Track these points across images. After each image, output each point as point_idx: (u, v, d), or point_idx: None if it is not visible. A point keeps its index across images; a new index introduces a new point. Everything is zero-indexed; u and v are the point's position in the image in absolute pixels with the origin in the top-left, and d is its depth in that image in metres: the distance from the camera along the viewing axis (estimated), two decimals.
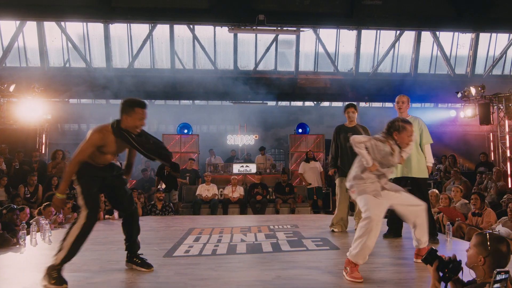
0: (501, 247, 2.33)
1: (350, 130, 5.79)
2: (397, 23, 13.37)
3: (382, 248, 4.68)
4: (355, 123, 5.90)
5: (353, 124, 5.88)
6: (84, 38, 13.97)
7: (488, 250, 2.33)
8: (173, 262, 4.09)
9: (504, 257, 2.32)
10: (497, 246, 2.34)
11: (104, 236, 5.60)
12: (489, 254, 2.33)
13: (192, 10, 12.56)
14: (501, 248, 2.33)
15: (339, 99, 16.52)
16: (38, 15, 12.38)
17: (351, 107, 5.88)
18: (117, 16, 12.53)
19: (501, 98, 11.59)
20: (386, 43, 14.81)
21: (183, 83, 14.19)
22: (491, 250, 2.33)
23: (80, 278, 3.49)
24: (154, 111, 16.79)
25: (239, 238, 5.28)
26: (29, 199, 8.67)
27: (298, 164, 12.69)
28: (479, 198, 6.10)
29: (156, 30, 13.99)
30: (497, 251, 2.32)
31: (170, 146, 12.31)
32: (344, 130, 5.87)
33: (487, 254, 2.33)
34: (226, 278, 3.46)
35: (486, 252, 2.34)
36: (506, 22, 13.20)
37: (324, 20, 12.91)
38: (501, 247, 2.33)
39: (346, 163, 5.75)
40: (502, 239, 2.38)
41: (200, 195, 10.02)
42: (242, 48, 14.66)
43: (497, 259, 2.31)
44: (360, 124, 5.94)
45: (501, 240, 2.37)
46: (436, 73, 15.47)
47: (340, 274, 3.46)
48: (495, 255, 2.32)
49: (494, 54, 15.35)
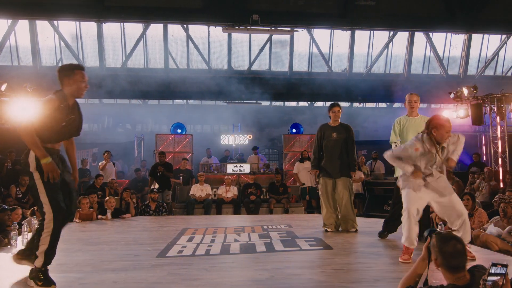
0: (446, 247, 2.31)
1: (334, 129, 5.82)
2: (391, 24, 13.45)
3: (375, 248, 4.70)
4: (339, 122, 5.90)
5: (337, 123, 5.89)
6: (77, 37, 13.90)
7: (437, 252, 2.34)
8: (167, 262, 4.07)
9: (452, 256, 2.28)
10: (441, 246, 2.32)
11: (96, 236, 5.57)
12: (438, 257, 2.34)
13: (185, 9, 12.54)
14: (447, 248, 2.30)
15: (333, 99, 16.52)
16: (30, 13, 12.29)
17: (336, 106, 5.87)
18: (111, 15, 12.47)
19: (493, 99, 11.67)
20: (379, 43, 14.89)
21: (177, 82, 14.16)
22: (439, 251, 2.33)
23: (72, 278, 3.47)
24: (148, 110, 16.79)
25: (232, 238, 5.27)
26: (20, 199, 8.59)
27: (292, 164, 12.70)
28: (471, 198, 6.14)
29: (150, 29, 13.95)
30: (444, 252, 2.30)
31: (163, 146, 12.27)
32: (329, 129, 5.88)
33: (436, 257, 2.35)
34: (220, 278, 3.45)
35: (435, 254, 2.35)
36: (498, 23, 13.32)
37: (318, 20, 12.94)
38: (446, 246, 2.31)
39: (329, 163, 5.80)
40: (448, 239, 2.35)
41: (194, 195, 9.99)
42: (236, 48, 14.66)
43: (446, 260, 2.30)
44: (344, 123, 5.93)
45: (447, 240, 2.34)
46: (429, 73, 15.58)
47: (334, 274, 3.47)
48: (443, 256, 2.31)
49: (486, 55, 15.49)
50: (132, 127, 17.21)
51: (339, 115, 5.83)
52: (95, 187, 9.25)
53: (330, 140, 5.83)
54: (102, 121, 16.81)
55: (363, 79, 15.11)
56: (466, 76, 15.39)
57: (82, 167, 11.32)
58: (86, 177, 11.11)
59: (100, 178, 9.40)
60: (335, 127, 5.85)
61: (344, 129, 5.84)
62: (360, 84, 14.83)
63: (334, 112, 5.83)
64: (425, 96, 14.91)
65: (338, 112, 5.83)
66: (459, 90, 12.14)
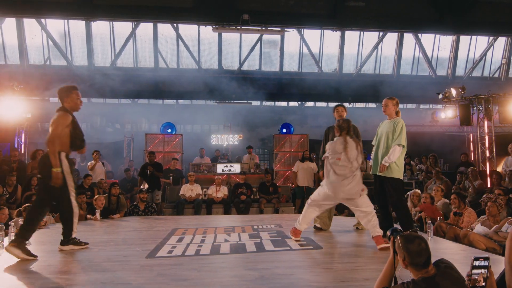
0: (411, 246, 2.43)
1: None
2: (380, 25, 13.55)
3: (365, 247, 4.72)
4: None
5: None
6: (65, 36, 13.76)
7: (403, 252, 2.45)
8: (156, 262, 4.04)
9: (418, 254, 2.41)
10: (407, 246, 2.44)
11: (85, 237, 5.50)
12: (405, 256, 2.45)
13: (175, 8, 12.48)
14: (411, 247, 2.42)
15: (323, 99, 16.65)
16: (17, 11, 12.12)
17: (339, 106, 5.96)
18: (99, 14, 12.35)
19: (480, 100, 11.83)
20: (369, 44, 15.00)
21: (167, 82, 14.09)
22: (404, 251, 2.44)
23: (59, 280, 3.42)
24: (138, 110, 16.69)
25: (222, 238, 5.26)
26: (7, 200, 8.46)
27: (282, 164, 12.74)
28: (458, 197, 6.20)
29: (139, 28, 13.86)
30: (409, 251, 2.42)
31: (153, 145, 12.20)
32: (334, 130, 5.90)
33: (403, 257, 2.46)
34: (209, 279, 3.43)
35: (402, 254, 2.46)
36: (486, 25, 13.51)
37: (308, 21, 12.99)
38: (411, 246, 2.43)
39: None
40: (413, 238, 2.46)
41: (184, 195, 9.94)
42: (227, 47, 14.64)
43: (412, 258, 2.42)
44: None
45: (412, 240, 2.45)
46: (418, 74, 15.73)
47: (324, 273, 3.47)
48: (409, 255, 2.43)
49: (474, 56, 15.70)
50: (121, 126, 17.09)
51: (342, 115, 5.87)
52: (83, 187, 9.15)
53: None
54: (91, 120, 16.67)
55: (353, 79, 15.20)
56: (454, 77, 15.58)
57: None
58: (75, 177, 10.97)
59: (88, 178, 9.29)
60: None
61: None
62: (350, 85, 14.92)
63: (337, 112, 5.90)
64: (414, 96, 15.09)
65: (342, 111, 5.89)
66: (447, 91, 12.27)
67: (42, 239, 5.37)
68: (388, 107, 5.18)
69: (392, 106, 5.18)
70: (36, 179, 9.02)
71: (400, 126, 5.03)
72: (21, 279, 3.49)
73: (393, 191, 5.05)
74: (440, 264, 2.46)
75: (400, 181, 5.10)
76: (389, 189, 5.07)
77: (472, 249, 4.76)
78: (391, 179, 5.05)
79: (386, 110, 5.21)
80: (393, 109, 5.17)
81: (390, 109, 5.18)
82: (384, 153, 5.09)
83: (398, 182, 5.08)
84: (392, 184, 5.06)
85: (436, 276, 2.38)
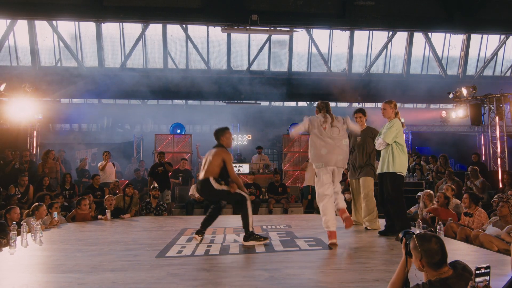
0: (428, 245, 2.39)
1: (359, 134, 6.07)
2: (389, 24, 13.46)
3: (375, 248, 4.70)
4: (365, 127, 6.15)
5: (363, 128, 6.12)
6: (76, 37, 13.87)
7: (419, 252, 2.41)
8: (166, 262, 4.07)
9: (436, 253, 2.37)
10: (424, 245, 2.40)
11: (96, 237, 5.56)
12: (422, 256, 2.40)
13: (184, 9, 12.54)
14: (428, 245, 2.39)
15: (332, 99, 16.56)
16: (29, 13, 12.28)
17: (357, 113, 6.22)
18: (109, 15, 12.46)
19: (492, 99, 11.68)
20: (378, 44, 14.90)
21: (176, 83, 14.14)
22: (421, 251, 2.40)
23: (71, 279, 3.46)
24: (147, 110, 16.79)
25: (232, 239, 5.27)
26: (19, 200, 8.57)
27: (291, 164, 12.72)
28: (470, 198, 6.13)
29: (149, 29, 13.94)
30: (427, 250, 2.38)
31: (163, 146, 12.27)
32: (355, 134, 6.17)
33: (421, 257, 2.41)
34: (219, 279, 3.44)
35: (419, 254, 2.42)
36: (497, 24, 13.34)
37: (316, 21, 12.95)
38: (428, 244, 2.39)
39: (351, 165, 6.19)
40: (430, 237, 2.42)
41: (193, 195, 9.95)
42: (235, 48, 14.65)
43: (430, 257, 2.38)
44: (371, 128, 6.18)
45: (429, 238, 2.42)
46: (428, 73, 15.58)
47: (333, 274, 3.46)
48: (427, 254, 2.38)
49: (485, 55, 15.50)
50: (131, 127, 17.20)
51: (359, 121, 6.14)
52: (93, 187, 9.23)
53: (355, 144, 6.17)
54: (101, 121, 16.80)
55: (362, 79, 15.11)
56: (465, 76, 15.40)
57: (82, 168, 11.31)
58: (86, 177, 11.09)
59: (96, 178, 9.36)
60: (364, 132, 6.11)
61: (367, 134, 6.08)
62: (359, 84, 14.84)
63: (355, 118, 6.17)
64: (423, 96, 14.96)
65: (359, 118, 6.16)
66: (458, 90, 12.15)
67: (54, 238, 5.44)
68: (386, 111, 5.40)
69: (390, 109, 5.38)
70: (48, 180, 9.15)
71: (391, 124, 5.26)
72: (33, 278, 3.53)
73: (390, 186, 5.20)
74: (457, 265, 2.44)
75: (398, 177, 5.22)
76: (386, 183, 5.24)
77: (484, 250, 4.71)
78: (390, 173, 5.22)
79: (385, 113, 5.42)
80: (391, 111, 5.37)
81: (388, 112, 5.39)
82: (384, 153, 5.32)
83: (396, 177, 5.21)
84: (390, 178, 5.22)
85: (453, 278, 2.35)
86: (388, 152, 5.24)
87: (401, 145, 5.25)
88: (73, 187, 9.62)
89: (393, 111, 5.35)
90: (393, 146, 5.21)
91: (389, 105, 5.37)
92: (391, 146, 5.22)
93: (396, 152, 5.20)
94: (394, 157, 5.19)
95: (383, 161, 5.31)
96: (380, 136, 5.35)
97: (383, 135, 5.26)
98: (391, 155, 5.21)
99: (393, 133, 5.20)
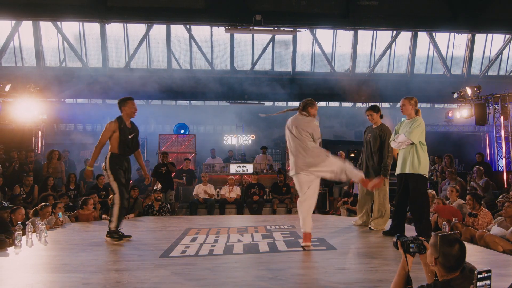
0: (451, 250, 2.37)
1: (371, 131, 5.99)
2: (393, 24, 13.42)
3: (379, 248, 4.69)
4: (377, 124, 5.97)
5: (376, 125, 5.98)
6: (80, 38, 13.92)
7: (438, 252, 2.40)
8: (170, 262, 4.08)
9: (454, 259, 2.37)
10: (447, 248, 2.38)
11: (100, 236, 5.57)
12: (439, 256, 2.40)
13: (188, 10, 12.56)
14: (451, 250, 2.37)
15: (336, 99, 16.56)
16: (34, 14, 12.34)
17: (368, 110, 6.05)
18: (113, 16, 12.51)
19: (497, 99, 11.64)
20: (382, 43, 14.85)
21: (180, 83, 14.16)
22: (441, 252, 2.39)
23: (75, 278, 3.47)
24: (151, 111, 16.81)
25: (236, 239, 5.27)
26: (24, 200, 8.62)
27: None
28: (473, 198, 6.10)
29: (153, 30, 13.96)
30: (446, 254, 2.37)
31: (166, 146, 12.29)
32: (367, 130, 6.14)
33: (437, 256, 2.40)
34: (223, 279, 3.45)
35: (437, 253, 2.41)
36: (502, 23, 13.27)
37: (320, 21, 12.93)
38: (451, 249, 2.38)
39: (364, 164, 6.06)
40: (454, 241, 2.40)
41: (197, 195, 10.00)
42: (239, 48, 14.65)
43: (446, 260, 2.37)
44: (382, 125, 5.97)
45: (452, 243, 2.40)
46: (433, 73, 15.52)
47: (337, 274, 3.46)
48: (445, 256, 2.38)
49: (490, 55, 15.41)
50: None
51: (370, 119, 6.01)
52: (98, 187, 9.27)
53: (366, 142, 6.07)
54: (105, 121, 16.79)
55: (366, 79, 15.08)
56: (470, 76, 15.32)
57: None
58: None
59: (101, 178, 9.40)
60: (373, 129, 5.99)
61: (377, 131, 5.90)
62: (363, 85, 14.80)
63: (367, 116, 6.07)
64: (428, 96, 14.90)
65: (369, 115, 6.01)
66: (462, 90, 12.11)
67: (58, 238, 5.46)
68: (405, 107, 5.13)
69: (410, 105, 5.11)
70: (52, 180, 9.20)
71: (417, 123, 4.99)
72: (38, 277, 3.55)
73: (416, 188, 4.97)
74: (465, 267, 2.44)
75: (424, 178, 5.03)
76: (416, 185, 4.97)
77: (489, 250, 4.69)
78: (416, 175, 4.97)
79: (404, 110, 5.15)
80: (411, 108, 5.11)
81: (407, 109, 5.12)
82: (405, 152, 5.03)
83: (422, 179, 5.01)
84: (416, 180, 4.97)
85: (458, 279, 2.36)
86: (412, 152, 4.96)
87: (424, 145, 4.99)
88: (78, 187, 9.66)
89: (413, 108, 5.10)
90: (417, 146, 4.95)
91: (408, 101, 5.12)
92: (415, 146, 4.95)
93: (422, 153, 4.96)
94: (419, 158, 4.93)
95: (404, 161, 5.02)
96: (401, 134, 5.04)
97: (408, 134, 4.95)
98: (416, 155, 4.94)
99: (419, 132, 4.94)
